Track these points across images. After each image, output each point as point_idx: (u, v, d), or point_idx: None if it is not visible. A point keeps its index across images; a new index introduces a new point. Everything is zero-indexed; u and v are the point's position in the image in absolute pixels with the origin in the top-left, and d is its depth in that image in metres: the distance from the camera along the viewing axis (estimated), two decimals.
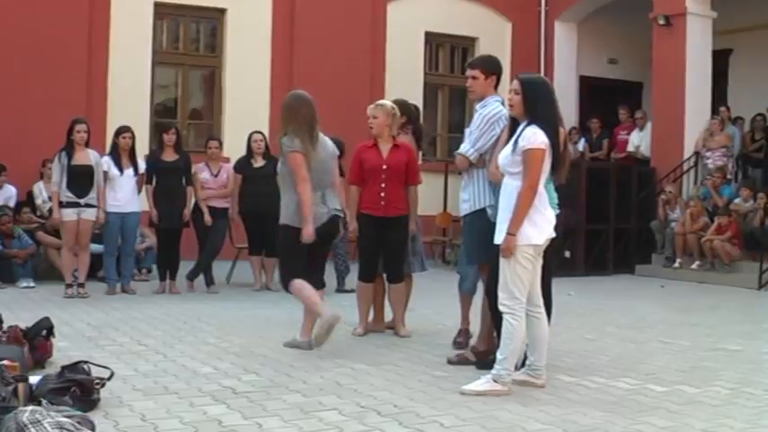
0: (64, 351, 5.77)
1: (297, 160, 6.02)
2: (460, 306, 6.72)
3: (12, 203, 10.63)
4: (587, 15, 15.82)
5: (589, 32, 15.91)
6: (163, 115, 13.11)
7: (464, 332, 6.58)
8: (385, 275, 7.00)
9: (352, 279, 8.21)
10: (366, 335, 6.85)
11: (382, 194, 6.77)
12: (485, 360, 5.52)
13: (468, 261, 6.18)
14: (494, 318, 5.39)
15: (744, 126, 13.91)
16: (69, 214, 8.76)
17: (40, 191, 10.84)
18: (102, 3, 12.35)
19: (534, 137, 4.87)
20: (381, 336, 6.84)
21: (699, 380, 5.46)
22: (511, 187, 4.94)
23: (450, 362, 5.79)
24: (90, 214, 8.84)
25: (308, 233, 6.01)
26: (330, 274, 9.98)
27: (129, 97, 12.28)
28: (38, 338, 5.48)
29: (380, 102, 7.10)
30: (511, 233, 4.84)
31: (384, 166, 6.76)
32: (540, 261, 5.04)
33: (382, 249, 6.89)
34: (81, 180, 8.75)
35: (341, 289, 9.74)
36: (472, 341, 6.19)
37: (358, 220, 6.93)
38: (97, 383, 4.52)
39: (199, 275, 9.55)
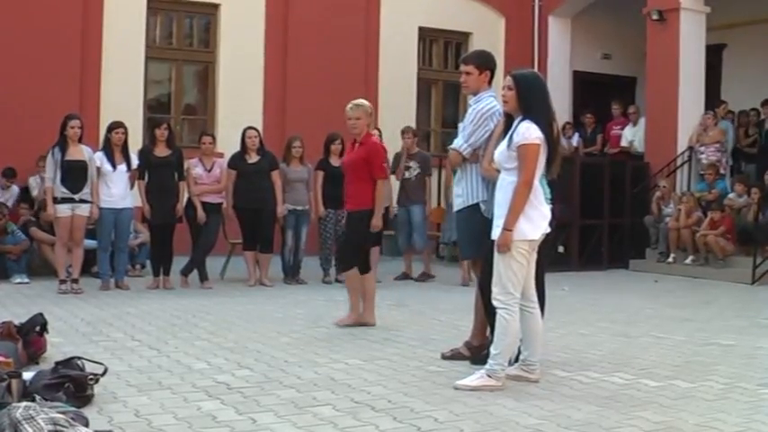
0: (57, 347, 5.76)
1: None
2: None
3: (10, 203, 10.68)
4: (581, 10, 15.82)
5: (583, 27, 15.92)
6: (156, 111, 13.07)
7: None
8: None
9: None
10: (354, 326, 6.92)
11: (345, 191, 7.22)
12: (478, 355, 5.53)
13: (462, 256, 6.20)
14: (487, 313, 5.39)
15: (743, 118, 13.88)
16: (64, 210, 8.75)
17: (37, 183, 10.84)
18: None
19: (528, 132, 4.87)
20: (375, 331, 6.84)
21: (692, 375, 5.46)
22: (507, 182, 4.94)
23: (443, 357, 5.79)
24: (84, 210, 8.83)
25: None
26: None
27: (123, 92, 12.27)
28: (31, 334, 5.48)
29: (358, 102, 7.11)
30: (507, 229, 4.84)
31: (345, 164, 7.24)
32: (535, 256, 5.05)
33: None
34: (75, 175, 8.74)
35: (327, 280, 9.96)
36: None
37: None
38: (91, 379, 4.51)
39: (193, 271, 9.54)
